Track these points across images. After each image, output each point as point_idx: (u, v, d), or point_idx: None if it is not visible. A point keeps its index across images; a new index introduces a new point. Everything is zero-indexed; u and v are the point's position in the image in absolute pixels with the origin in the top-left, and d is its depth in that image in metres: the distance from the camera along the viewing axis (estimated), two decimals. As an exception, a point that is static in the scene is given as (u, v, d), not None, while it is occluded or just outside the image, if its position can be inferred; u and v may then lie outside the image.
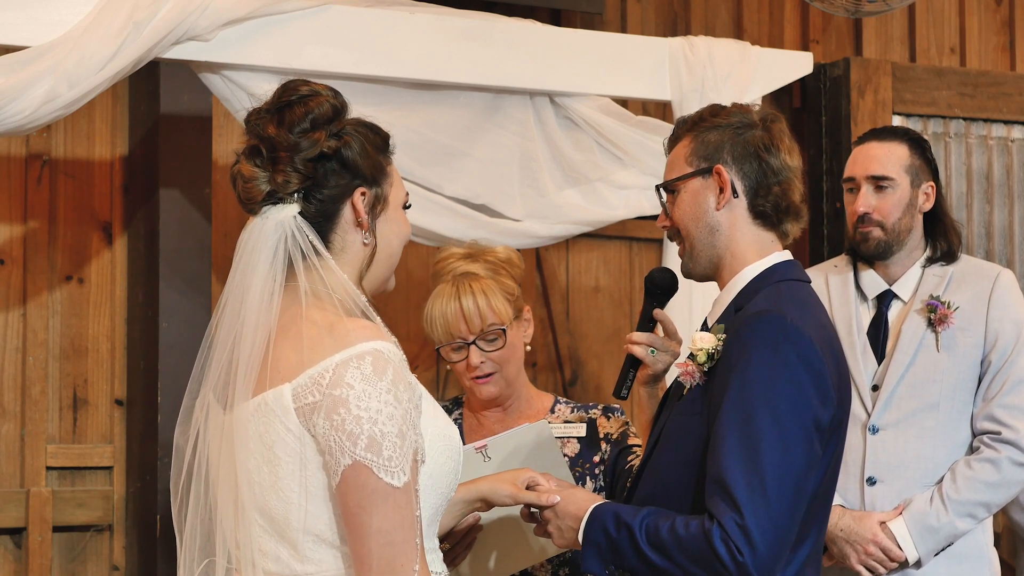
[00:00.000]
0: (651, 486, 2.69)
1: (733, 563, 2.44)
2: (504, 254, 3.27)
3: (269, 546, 2.30)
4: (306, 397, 2.24)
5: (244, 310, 2.32)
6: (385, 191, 2.42)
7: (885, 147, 3.70)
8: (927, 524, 3.55)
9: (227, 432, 2.33)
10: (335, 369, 2.22)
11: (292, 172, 2.34)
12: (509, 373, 3.20)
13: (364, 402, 2.21)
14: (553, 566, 3.16)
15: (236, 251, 2.38)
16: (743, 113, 2.72)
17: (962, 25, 5.42)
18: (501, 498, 2.78)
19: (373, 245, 2.40)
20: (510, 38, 4.05)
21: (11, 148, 4.19)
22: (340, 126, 2.38)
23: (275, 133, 2.35)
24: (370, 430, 2.20)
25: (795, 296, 2.63)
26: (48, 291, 4.21)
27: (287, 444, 2.26)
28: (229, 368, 2.33)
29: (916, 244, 3.72)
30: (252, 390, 2.29)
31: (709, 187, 2.69)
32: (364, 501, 2.20)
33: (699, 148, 2.71)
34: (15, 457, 4.15)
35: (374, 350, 2.24)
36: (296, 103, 2.36)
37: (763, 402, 2.49)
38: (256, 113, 2.40)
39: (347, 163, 2.37)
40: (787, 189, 2.69)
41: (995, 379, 3.61)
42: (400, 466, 2.21)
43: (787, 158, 2.69)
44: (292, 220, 2.34)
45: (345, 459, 2.20)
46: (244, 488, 2.29)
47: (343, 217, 2.38)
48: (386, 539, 2.20)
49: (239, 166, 2.38)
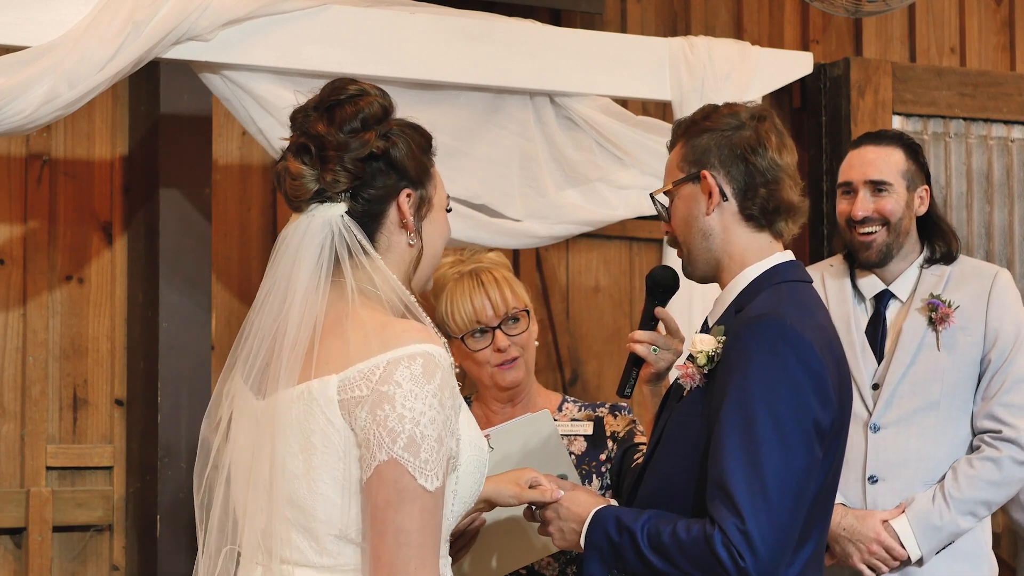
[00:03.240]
0: (652, 487, 2.69)
1: (735, 568, 2.44)
2: (496, 257, 3.28)
3: (292, 536, 2.30)
4: (352, 390, 2.23)
5: (289, 303, 2.31)
6: (430, 193, 2.42)
7: (881, 151, 3.70)
8: (930, 523, 3.55)
9: (264, 417, 2.32)
10: (386, 366, 2.22)
11: (341, 171, 2.33)
12: (529, 359, 3.23)
13: (410, 402, 2.21)
14: (561, 564, 3.17)
15: (276, 246, 2.38)
16: (732, 114, 2.70)
17: (962, 25, 5.42)
18: (505, 499, 2.78)
19: (419, 246, 2.41)
20: (510, 38, 4.05)
21: (11, 148, 4.19)
22: (388, 127, 2.38)
23: (325, 131, 2.34)
24: (411, 430, 2.20)
25: (796, 298, 2.62)
26: (48, 291, 4.21)
27: (326, 435, 2.25)
28: (271, 357, 2.32)
29: (912, 248, 3.72)
30: (297, 377, 2.28)
31: (699, 192, 2.68)
32: (393, 498, 2.20)
33: (689, 153, 2.70)
34: (15, 457, 4.15)
35: (426, 352, 2.24)
36: (346, 102, 2.36)
37: (763, 405, 2.48)
38: (302, 111, 2.39)
39: (394, 164, 2.37)
40: (776, 189, 2.66)
41: (995, 378, 3.61)
42: (435, 471, 2.21)
43: (776, 156, 2.66)
44: (340, 219, 2.34)
45: (382, 454, 2.20)
46: (278, 473, 2.28)
47: (388, 218, 2.38)
48: (406, 539, 2.20)
49: (286, 163, 2.37)
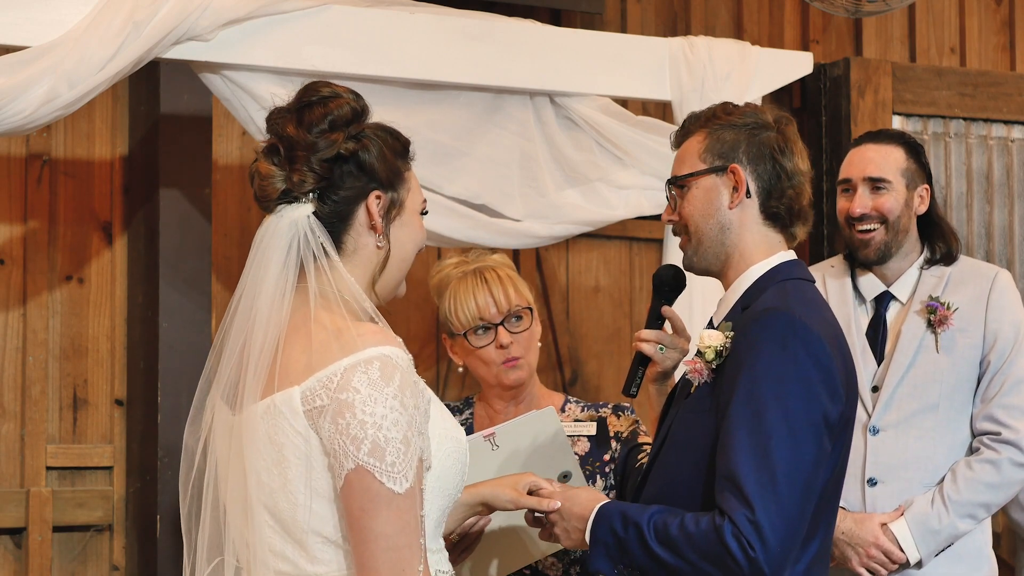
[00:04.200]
0: (659, 484, 2.69)
1: (745, 558, 2.44)
2: (500, 259, 3.28)
3: (279, 546, 2.31)
4: (314, 400, 2.24)
5: (255, 309, 2.32)
6: (401, 196, 2.42)
7: (881, 150, 3.71)
8: (928, 526, 3.55)
9: (236, 433, 2.33)
10: (343, 374, 2.23)
11: (308, 172, 2.34)
12: (532, 359, 3.22)
13: (370, 407, 2.21)
14: (564, 564, 3.17)
15: (251, 249, 2.39)
16: (757, 113, 2.73)
17: (962, 25, 5.42)
18: (502, 503, 2.79)
19: (387, 249, 2.40)
20: (510, 38, 4.05)
21: (11, 148, 4.19)
22: (359, 129, 2.38)
23: (294, 132, 2.35)
24: (374, 435, 2.20)
25: (801, 294, 2.64)
26: (48, 291, 4.21)
27: (296, 446, 2.26)
28: (239, 369, 2.33)
29: (912, 247, 3.72)
30: (261, 392, 2.29)
31: (723, 185, 2.69)
32: (367, 505, 2.21)
33: (714, 145, 2.71)
34: (15, 457, 4.15)
35: (382, 355, 2.24)
36: (316, 104, 2.37)
37: (773, 398, 2.49)
38: (277, 112, 2.41)
39: (364, 166, 2.37)
40: (799, 192, 2.70)
41: (994, 380, 3.61)
42: (403, 472, 2.22)
43: (799, 162, 2.71)
44: (306, 220, 2.34)
45: (349, 463, 2.21)
46: (253, 489, 2.29)
47: (357, 219, 2.38)
48: (389, 543, 2.21)
49: (257, 164, 2.39)
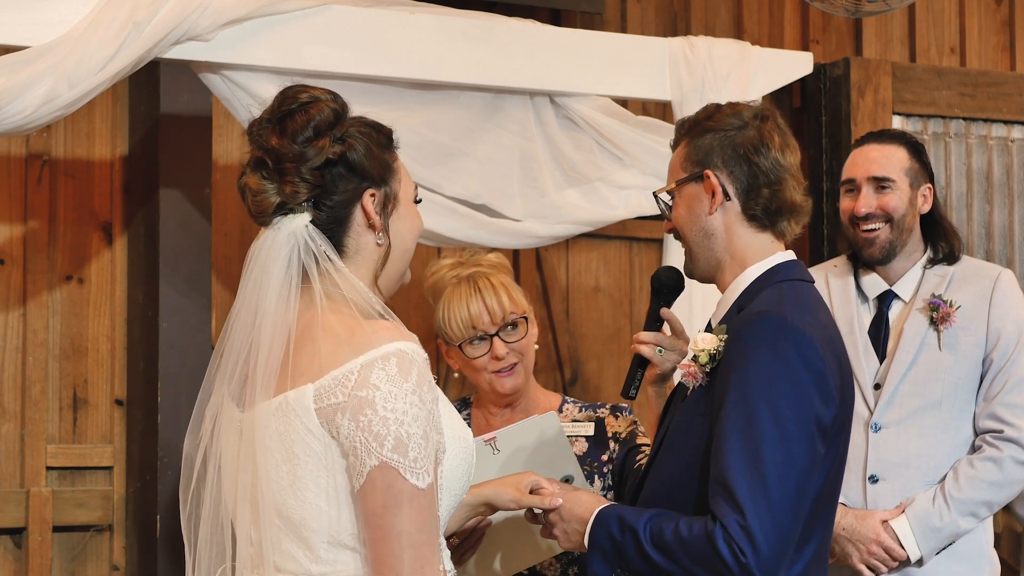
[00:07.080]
0: (656, 487, 2.69)
1: (736, 564, 2.44)
2: (496, 259, 3.27)
3: (286, 545, 2.30)
4: (329, 398, 2.23)
5: (260, 316, 2.31)
6: (394, 189, 2.41)
7: (884, 149, 3.71)
8: (930, 523, 3.55)
9: (246, 430, 2.32)
10: (360, 371, 2.22)
11: (300, 182, 2.32)
12: (528, 364, 3.22)
13: (391, 403, 2.20)
14: (562, 564, 3.17)
15: (247, 261, 2.37)
16: (735, 114, 2.70)
17: (962, 25, 5.42)
18: (504, 502, 2.80)
19: (387, 244, 2.40)
20: (510, 38, 4.05)
21: (11, 148, 4.19)
22: (343, 129, 2.36)
23: (279, 144, 2.33)
24: (396, 431, 2.20)
25: (797, 296, 2.63)
26: (48, 291, 4.21)
27: (307, 444, 2.25)
28: (246, 371, 2.32)
29: (915, 246, 3.72)
30: (273, 390, 2.28)
31: (703, 192, 2.68)
32: (390, 502, 2.20)
33: (692, 152, 2.71)
34: (15, 457, 4.15)
35: (399, 351, 2.24)
36: (297, 111, 2.34)
37: (764, 402, 2.49)
38: (257, 124, 2.38)
39: (354, 166, 2.36)
40: (779, 189, 2.67)
41: (997, 378, 3.61)
42: (425, 467, 2.21)
43: (779, 156, 2.67)
44: (304, 230, 2.33)
45: (371, 460, 2.20)
46: (263, 486, 2.28)
47: (355, 220, 2.37)
48: (411, 540, 2.20)
49: (245, 179, 2.36)
